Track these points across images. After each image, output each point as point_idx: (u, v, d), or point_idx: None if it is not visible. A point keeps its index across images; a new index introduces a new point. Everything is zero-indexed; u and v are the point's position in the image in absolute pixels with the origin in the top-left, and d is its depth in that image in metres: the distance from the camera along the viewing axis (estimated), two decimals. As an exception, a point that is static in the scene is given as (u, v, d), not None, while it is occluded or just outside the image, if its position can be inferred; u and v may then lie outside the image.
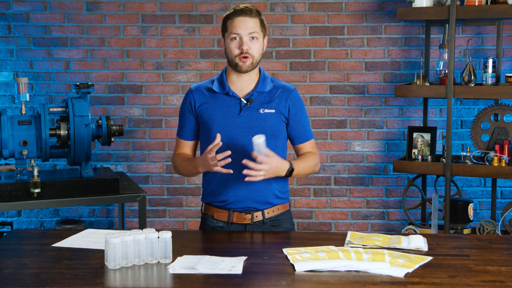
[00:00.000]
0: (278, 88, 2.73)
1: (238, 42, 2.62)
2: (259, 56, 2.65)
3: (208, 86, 2.73)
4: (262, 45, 2.67)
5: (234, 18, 2.62)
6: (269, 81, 2.73)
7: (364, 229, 4.55)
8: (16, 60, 4.48)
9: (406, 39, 4.44)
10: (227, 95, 2.68)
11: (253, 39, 2.62)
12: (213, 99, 2.69)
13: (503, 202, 4.45)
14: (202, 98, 2.71)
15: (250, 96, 2.68)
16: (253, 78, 2.70)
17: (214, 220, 2.73)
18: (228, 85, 2.68)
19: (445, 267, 2.21)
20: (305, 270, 2.16)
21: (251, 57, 2.62)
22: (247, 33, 2.61)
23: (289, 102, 2.71)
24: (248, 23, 2.60)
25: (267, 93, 2.70)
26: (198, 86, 2.76)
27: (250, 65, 2.63)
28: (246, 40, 2.61)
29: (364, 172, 4.53)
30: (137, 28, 4.48)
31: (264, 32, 2.67)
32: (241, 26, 2.60)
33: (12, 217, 4.57)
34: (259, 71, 2.73)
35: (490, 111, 4.05)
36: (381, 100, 4.48)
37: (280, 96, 2.70)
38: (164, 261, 2.24)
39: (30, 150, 3.53)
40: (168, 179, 4.56)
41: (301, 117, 2.75)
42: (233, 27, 2.61)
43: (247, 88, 2.70)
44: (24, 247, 2.48)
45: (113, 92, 4.52)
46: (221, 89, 2.69)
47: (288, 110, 2.71)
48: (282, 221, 2.75)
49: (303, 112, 2.76)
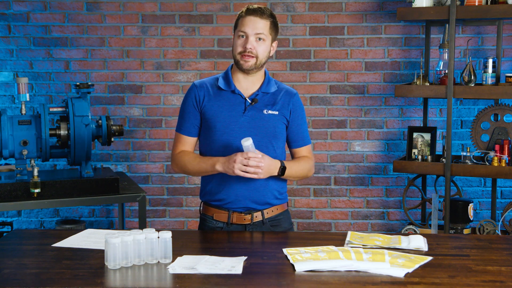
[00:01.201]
0: (281, 90, 2.74)
1: (244, 41, 2.62)
2: (264, 58, 2.65)
3: (212, 82, 2.73)
4: (269, 47, 2.67)
5: (246, 16, 2.63)
6: (273, 83, 2.74)
7: (364, 229, 4.55)
8: (16, 60, 4.48)
9: (406, 39, 4.44)
10: (233, 93, 2.68)
11: (260, 40, 2.63)
12: (218, 96, 2.69)
13: (503, 202, 4.45)
14: (207, 94, 2.70)
15: (255, 96, 2.68)
16: (258, 79, 2.71)
17: (213, 220, 2.72)
18: (234, 83, 2.69)
19: (445, 267, 2.21)
20: (305, 270, 2.16)
21: (255, 57, 2.62)
22: (254, 33, 2.61)
23: (291, 105, 2.73)
24: (257, 23, 2.61)
25: (271, 94, 2.71)
26: (202, 82, 2.75)
27: (252, 65, 2.63)
28: (252, 39, 2.61)
29: (364, 172, 4.53)
30: (137, 28, 4.48)
31: (273, 35, 2.67)
32: (249, 25, 2.61)
33: (12, 217, 4.57)
34: (264, 73, 2.74)
35: (490, 111, 4.05)
36: (381, 100, 4.48)
37: (283, 99, 2.72)
38: (164, 261, 2.24)
39: (30, 150, 3.53)
40: (168, 179, 4.56)
41: (301, 121, 2.77)
42: (242, 25, 2.63)
43: (252, 88, 2.70)
44: (24, 247, 2.48)
45: (113, 92, 4.52)
46: (226, 86, 2.69)
47: (289, 113, 2.72)
48: (281, 221, 2.76)
49: (303, 117, 2.79)
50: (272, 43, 2.68)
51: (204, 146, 2.72)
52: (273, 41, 2.68)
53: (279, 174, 2.62)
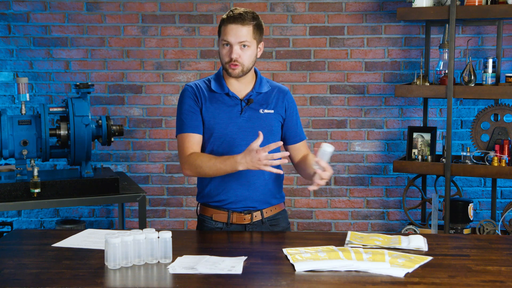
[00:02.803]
0: (274, 89, 2.75)
1: (229, 50, 2.60)
2: (250, 64, 2.63)
3: (204, 85, 2.71)
4: (255, 52, 2.64)
5: (227, 25, 2.59)
6: (265, 82, 2.74)
7: (364, 229, 4.55)
8: (16, 60, 4.48)
9: (406, 39, 4.44)
10: (227, 95, 2.68)
11: (244, 47, 2.60)
12: (214, 98, 2.68)
13: (503, 202, 4.45)
14: (203, 96, 2.68)
15: (249, 96, 2.68)
16: (250, 80, 2.71)
17: (212, 221, 2.71)
18: (227, 86, 2.68)
19: (445, 267, 2.21)
20: (305, 270, 2.16)
21: (241, 65, 2.60)
22: (237, 41, 2.58)
23: (285, 102, 2.74)
24: (239, 31, 2.57)
25: (264, 94, 2.71)
26: (195, 83, 2.72)
27: (240, 72, 2.62)
28: (236, 48, 2.58)
29: (364, 172, 4.53)
30: (137, 28, 4.48)
31: (258, 38, 2.63)
32: (231, 34, 2.58)
33: (12, 217, 4.57)
34: (255, 73, 2.74)
35: (490, 111, 4.05)
36: (381, 100, 4.48)
37: (276, 97, 2.73)
38: (164, 261, 2.24)
39: (30, 150, 3.53)
40: (168, 179, 4.56)
41: (295, 117, 2.78)
42: (224, 34, 2.60)
43: (245, 90, 2.70)
44: (24, 247, 2.48)
45: (113, 92, 4.52)
46: (220, 89, 2.68)
47: (284, 111, 2.74)
48: (280, 220, 2.78)
49: (297, 113, 2.80)
50: (258, 45, 2.65)
51: (203, 150, 2.70)
52: (258, 43, 2.65)
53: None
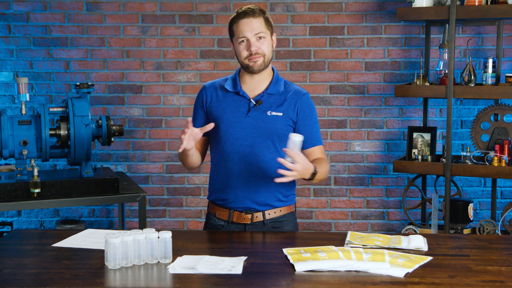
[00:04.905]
0: (289, 91, 2.72)
1: (246, 44, 2.63)
2: (270, 54, 2.66)
3: (221, 84, 2.75)
4: (271, 42, 2.68)
5: (239, 21, 2.63)
6: (282, 83, 2.72)
7: (364, 229, 4.55)
8: (16, 60, 4.48)
9: (406, 39, 4.44)
10: (238, 94, 2.70)
11: (261, 39, 2.63)
12: (224, 97, 2.71)
13: (503, 202, 4.45)
14: (214, 95, 2.73)
15: (260, 97, 2.69)
16: (265, 78, 2.70)
17: (216, 218, 2.75)
18: (240, 85, 2.70)
19: (445, 267, 2.21)
20: (305, 270, 2.16)
21: (262, 55, 2.63)
22: (253, 34, 2.62)
23: (298, 105, 2.70)
24: (253, 24, 2.61)
25: (277, 95, 2.70)
26: (212, 83, 2.78)
27: (262, 64, 2.64)
28: (254, 41, 2.62)
29: (364, 172, 4.53)
30: (137, 28, 4.48)
31: (270, 29, 2.68)
32: (246, 29, 2.61)
33: (12, 217, 4.57)
34: (273, 72, 2.74)
35: (490, 111, 4.05)
36: (381, 100, 4.48)
37: (290, 100, 2.70)
38: (164, 261, 2.24)
39: (30, 150, 3.53)
40: (168, 179, 4.56)
41: (309, 121, 2.72)
42: (239, 30, 2.63)
43: (258, 89, 2.70)
44: (24, 247, 2.48)
45: (113, 92, 4.52)
46: (233, 88, 2.71)
47: (296, 114, 2.69)
48: (284, 223, 2.74)
49: (312, 117, 2.73)
50: (271, 36, 2.69)
51: (214, 146, 2.76)
52: (271, 34, 2.69)
53: (310, 178, 2.56)
